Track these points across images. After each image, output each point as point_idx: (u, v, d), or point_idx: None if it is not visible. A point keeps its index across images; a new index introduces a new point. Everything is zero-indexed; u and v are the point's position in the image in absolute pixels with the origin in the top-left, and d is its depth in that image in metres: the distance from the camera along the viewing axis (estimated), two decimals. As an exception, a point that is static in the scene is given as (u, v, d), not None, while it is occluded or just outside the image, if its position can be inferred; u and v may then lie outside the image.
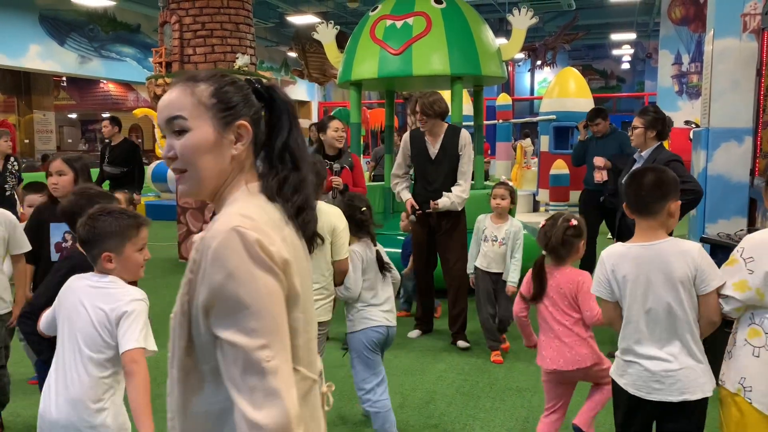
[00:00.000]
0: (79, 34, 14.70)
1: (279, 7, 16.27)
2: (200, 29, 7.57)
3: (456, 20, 5.64)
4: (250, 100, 1.26)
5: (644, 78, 26.77)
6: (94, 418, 2.07)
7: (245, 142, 1.25)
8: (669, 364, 2.18)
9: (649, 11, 17.70)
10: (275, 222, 1.20)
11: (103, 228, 2.14)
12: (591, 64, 28.22)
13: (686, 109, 14.00)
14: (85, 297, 2.13)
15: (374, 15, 5.87)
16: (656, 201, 2.21)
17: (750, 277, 2.06)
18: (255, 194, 1.24)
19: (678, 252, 2.18)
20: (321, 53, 12.56)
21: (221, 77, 1.26)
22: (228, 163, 1.24)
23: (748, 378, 2.08)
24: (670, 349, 2.18)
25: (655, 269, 2.19)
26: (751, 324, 2.10)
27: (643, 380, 2.23)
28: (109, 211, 2.19)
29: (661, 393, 2.19)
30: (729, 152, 4.84)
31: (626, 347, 2.28)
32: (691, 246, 2.22)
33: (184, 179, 1.24)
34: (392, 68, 5.58)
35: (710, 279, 2.14)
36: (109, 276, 2.16)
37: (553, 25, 18.64)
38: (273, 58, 21.21)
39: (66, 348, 2.13)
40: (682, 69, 14.24)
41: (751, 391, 2.06)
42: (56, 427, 2.07)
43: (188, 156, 1.22)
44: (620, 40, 23.08)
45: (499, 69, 5.85)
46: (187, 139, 1.21)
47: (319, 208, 2.98)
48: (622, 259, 2.26)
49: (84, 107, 19.93)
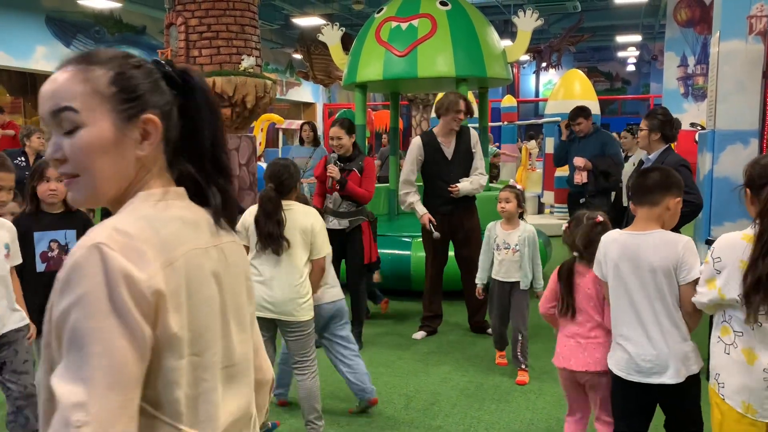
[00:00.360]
0: (85, 35, 14.77)
1: (284, 9, 16.30)
2: (206, 31, 7.59)
3: (461, 22, 5.64)
4: (159, 87, 1.03)
5: (650, 80, 26.72)
6: None
7: (153, 140, 1.02)
8: (646, 348, 2.34)
9: (654, 13, 17.67)
10: (167, 241, 0.96)
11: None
12: (596, 66, 28.18)
13: (692, 111, 13.95)
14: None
15: (379, 17, 5.88)
16: (658, 191, 2.36)
17: (717, 277, 2.11)
18: (152, 202, 1.01)
19: (663, 243, 2.33)
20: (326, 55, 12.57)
21: (124, 58, 1.02)
22: (132, 166, 1.01)
23: (721, 374, 2.13)
24: (649, 333, 2.34)
25: (637, 257, 2.35)
26: (723, 322, 2.15)
27: (625, 362, 2.40)
28: None
29: (641, 375, 2.36)
30: (735, 154, 4.83)
31: (613, 330, 2.47)
32: (677, 238, 2.34)
33: (74, 186, 1.00)
34: (397, 70, 5.58)
35: (689, 271, 2.28)
36: None
37: (559, 27, 18.62)
38: (278, 60, 21.25)
39: None
40: (687, 71, 14.20)
41: (724, 387, 2.11)
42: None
43: (80, 158, 0.98)
44: (626, 42, 23.04)
45: (504, 71, 5.85)
46: (79, 138, 0.97)
47: (293, 209, 3.07)
48: (613, 245, 2.43)
49: (90, 108, 20.01)
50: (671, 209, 2.37)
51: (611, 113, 26.04)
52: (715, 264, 2.12)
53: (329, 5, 16.51)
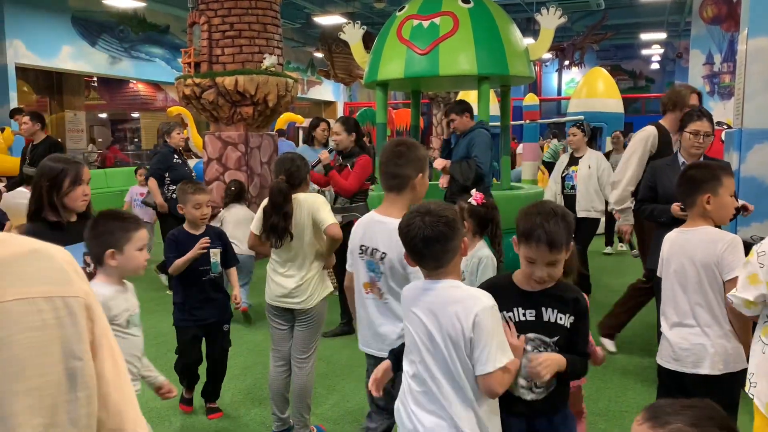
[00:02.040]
0: (110, 35, 14.95)
1: (306, 7, 16.35)
2: (228, 30, 7.64)
3: (483, 20, 5.60)
4: None
5: (674, 78, 26.36)
6: None
7: None
8: (685, 339, 2.44)
9: (680, 10, 17.43)
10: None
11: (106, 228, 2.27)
12: (620, 64, 27.88)
13: (718, 109, 13.75)
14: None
15: (401, 15, 5.86)
16: (686, 195, 2.52)
17: (760, 271, 2.07)
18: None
19: (707, 239, 2.42)
20: (347, 54, 12.59)
21: None
22: None
23: (755, 374, 2.11)
24: (688, 324, 2.43)
25: (683, 252, 2.48)
26: (766, 322, 2.12)
27: (665, 350, 2.54)
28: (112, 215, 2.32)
29: (678, 364, 2.46)
30: (762, 153, 4.75)
31: (661, 321, 2.60)
32: (721, 236, 2.42)
33: None
34: (419, 68, 5.56)
35: (731, 269, 2.33)
36: None
37: (582, 25, 18.45)
38: (299, 59, 21.33)
39: None
40: (713, 69, 13.98)
41: (756, 387, 2.09)
42: None
43: None
44: (650, 40, 22.77)
45: (526, 69, 5.80)
46: None
47: (298, 198, 3.11)
48: (666, 241, 2.61)
49: (114, 107, 20.25)
50: (706, 207, 2.44)
51: (635, 112, 25.75)
52: (759, 257, 2.08)
53: (351, 4, 16.52)
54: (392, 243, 2.23)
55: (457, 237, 1.87)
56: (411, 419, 1.86)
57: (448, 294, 1.83)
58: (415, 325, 1.88)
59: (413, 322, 1.89)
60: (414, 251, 1.88)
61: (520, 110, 12.88)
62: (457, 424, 1.77)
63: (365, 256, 2.45)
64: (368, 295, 2.48)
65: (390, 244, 2.30)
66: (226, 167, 7.91)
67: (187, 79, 7.64)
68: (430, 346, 1.82)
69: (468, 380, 1.78)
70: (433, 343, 1.81)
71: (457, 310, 1.77)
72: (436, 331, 1.81)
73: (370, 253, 2.42)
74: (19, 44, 12.68)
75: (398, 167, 2.37)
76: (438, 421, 1.80)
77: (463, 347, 1.76)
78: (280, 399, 3.29)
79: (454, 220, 1.87)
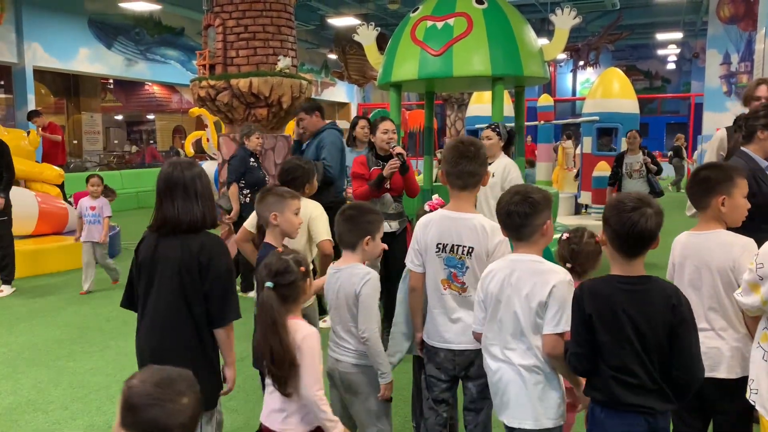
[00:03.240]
0: (126, 37, 15.09)
1: (320, 9, 16.41)
2: (243, 32, 7.68)
3: (498, 20, 5.58)
4: None
5: (690, 78, 26.14)
6: None
7: None
8: (700, 343, 2.31)
9: (696, 10, 17.28)
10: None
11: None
12: (635, 64, 27.70)
13: (735, 109, 13.61)
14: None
15: (415, 16, 5.86)
16: (699, 196, 2.43)
17: (761, 284, 2.09)
18: None
19: (721, 243, 2.35)
20: (361, 55, 12.60)
21: None
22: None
23: (756, 380, 2.10)
24: (702, 328, 2.30)
25: (697, 256, 2.40)
26: (765, 328, 2.12)
27: None
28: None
29: None
30: (781, 154, 4.69)
31: None
32: (734, 240, 2.34)
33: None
34: (433, 69, 5.55)
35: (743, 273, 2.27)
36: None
37: (597, 25, 18.35)
38: (313, 60, 21.39)
39: None
40: (730, 69, 13.85)
41: (757, 393, 2.08)
42: None
43: None
44: (666, 40, 22.60)
45: (541, 69, 5.78)
46: None
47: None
48: (676, 244, 2.52)
49: (130, 109, 20.42)
50: (721, 209, 2.37)
51: (650, 112, 25.54)
52: (758, 270, 2.08)
53: (364, 5, 16.55)
54: (479, 237, 2.45)
55: (539, 216, 2.16)
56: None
57: (531, 267, 2.15)
58: (496, 287, 2.19)
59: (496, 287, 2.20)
60: (502, 223, 2.23)
61: (534, 111, 12.85)
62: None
63: (443, 253, 2.53)
64: (446, 291, 2.55)
65: (477, 238, 2.46)
66: (241, 168, 7.96)
67: (202, 81, 7.69)
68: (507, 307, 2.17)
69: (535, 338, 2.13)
70: (509, 304, 2.16)
71: (537, 280, 2.11)
72: (515, 296, 2.14)
73: (451, 249, 2.51)
74: (37, 47, 12.84)
75: (475, 166, 2.50)
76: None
77: (534, 310, 2.11)
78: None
79: (538, 201, 2.16)
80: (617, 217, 1.92)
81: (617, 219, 1.92)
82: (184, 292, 2.26)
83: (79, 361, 4.57)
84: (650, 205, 1.92)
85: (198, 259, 2.25)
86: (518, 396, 2.15)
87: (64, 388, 4.08)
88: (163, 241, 2.30)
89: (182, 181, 2.29)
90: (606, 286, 1.95)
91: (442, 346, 2.57)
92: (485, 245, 2.44)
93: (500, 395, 2.20)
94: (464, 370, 2.56)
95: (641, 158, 7.73)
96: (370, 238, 2.54)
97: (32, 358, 4.64)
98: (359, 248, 2.53)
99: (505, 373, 2.18)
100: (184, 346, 2.29)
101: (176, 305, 2.27)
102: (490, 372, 2.24)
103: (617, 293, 1.91)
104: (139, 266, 2.38)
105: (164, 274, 2.27)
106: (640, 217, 1.89)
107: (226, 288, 2.29)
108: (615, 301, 1.90)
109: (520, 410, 2.14)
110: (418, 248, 2.60)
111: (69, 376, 4.28)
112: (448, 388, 2.63)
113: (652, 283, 1.91)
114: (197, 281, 2.25)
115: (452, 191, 2.57)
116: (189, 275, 2.25)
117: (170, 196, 2.29)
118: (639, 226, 1.88)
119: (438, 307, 2.58)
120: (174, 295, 2.27)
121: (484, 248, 2.45)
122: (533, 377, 2.13)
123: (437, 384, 2.62)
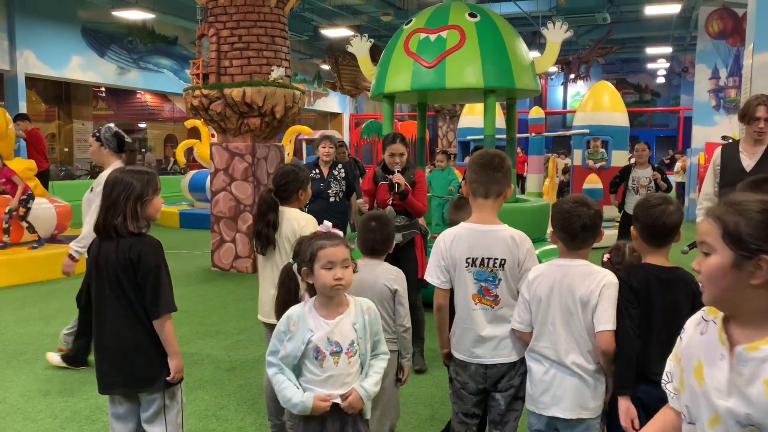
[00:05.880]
0: (119, 46, 15.09)
1: (313, 20, 16.48)
2: (237, 42, 7.71)
3: (490, 33, 5.65)
4: None
5: (680, 92, 26.39)
6: None
7: None
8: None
9: (685, 25, 17.48)
10: None
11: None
12: (625, 78, 27.96)
13: (723, 123, 13.75)
14: None
15: (408, 28, 5.91)
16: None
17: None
18: None
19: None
20: (354, 66, 12.65)
21: None
22: None
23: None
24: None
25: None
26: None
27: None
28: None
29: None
30: (768, 168, 4.75)
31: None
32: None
33: None
34: (425, 81, 5.60)
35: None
36: None
37: (588, 39, 18.52)
38: (306, 71, 21.45)
39: None
40: (719, 83, 14.00)
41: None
42: None
43: None
44: (655, 54, 22.82)
45: (532, 82, 5.84)
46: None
47: (285, 214, 3.09)
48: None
49: (121, 117, 20.37)
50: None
51: (640, 125, 25.74)
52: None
53: (358, 17, 16.64)
54: (510, 248, 2.48)
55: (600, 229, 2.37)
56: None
57: (582, 270, 2.30)
58: (546, 291, 2.31)
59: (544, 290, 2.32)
60: (571, 233, 2.31)
61: (525, 123, 12.94)
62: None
63: (473, 267, 2.49)
64: (477, 306, 2.51)
65: (509, 250, 2.48)
66: (233, 178, 7.96)
67: (196, 91, 7.71)
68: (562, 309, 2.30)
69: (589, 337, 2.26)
70: (565, 307, 2.29)
71: (589, 282, 2.26)
72: (569, 298, 2.27)
73: (481, 263, 2.48)
74: (29, 54, 12.81)
75: (501, 176, 2.53)
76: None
77: (589, 310, 2.24)
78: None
79: (601, 215, 2.36)
80: (645, 212, 2.27)
81: (645, 214, 2.27)
82: (123, 288, 2.45)
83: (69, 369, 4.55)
84: (671, 202, 2.30)
85: (128, 256, 2.43)
86: (575, 389, 2.29)
87: (53, 396, 4.06)
88: (104, 244, 2.50)
89: (107, 188, 2.53)
90: (643, 270, 2.28)
91: (472, 361, 2.54)
92: (516, 256, 2.47)
93: (552, 391, 2.32)
94: (495, 383, 2.55)
95: (650, 173, 6.93)
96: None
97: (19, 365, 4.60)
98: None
99: (558, 370, 2.30)
100: (132, 339, 2.48)
101: (120, 303, 2.46)
102: (540, 371, 2.35)
103: (651, 278, 2.24)
104: (88, 268, 2.61)
105: (108, 273, 2.47)
106: (663, 212, 2.25)
107: (156, 281, 2.45)
108: (650, 281, 2.23)
109: (575, 402, 2.29)
110: (444, 264, 2.54)
111: (59, 384, 4.25)
112: (478, 402, 2.60)
113: (679, 272, 2.26)
114: (132, 277, 2.44)
115: (475, 201, 2.54)
116: (124, 273, 2.43)
117: (103, 201, 2.52)
118: (663, 218, 2.24)
119: (467, 323, 2.53)
120: (116, 293, 2.46)
121: (515, 259, 2.48)
122: (586, 372, 2.28)
123: (468, 397, 2.58)
